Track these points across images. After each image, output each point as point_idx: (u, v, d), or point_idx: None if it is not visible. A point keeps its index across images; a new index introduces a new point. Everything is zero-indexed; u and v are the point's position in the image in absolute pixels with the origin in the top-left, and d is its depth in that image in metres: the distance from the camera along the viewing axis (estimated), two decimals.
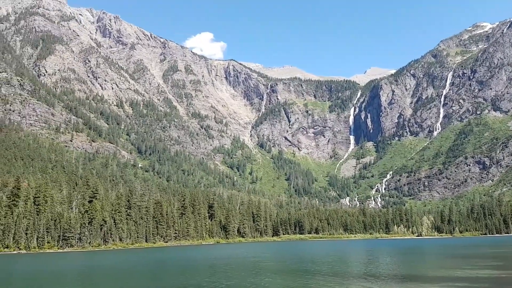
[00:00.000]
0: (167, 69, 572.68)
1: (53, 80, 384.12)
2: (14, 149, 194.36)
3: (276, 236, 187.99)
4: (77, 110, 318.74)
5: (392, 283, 39.71)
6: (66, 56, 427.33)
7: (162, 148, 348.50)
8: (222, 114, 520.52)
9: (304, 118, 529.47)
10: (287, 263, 66.33)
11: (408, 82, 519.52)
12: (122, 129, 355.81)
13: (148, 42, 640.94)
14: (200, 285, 40.13)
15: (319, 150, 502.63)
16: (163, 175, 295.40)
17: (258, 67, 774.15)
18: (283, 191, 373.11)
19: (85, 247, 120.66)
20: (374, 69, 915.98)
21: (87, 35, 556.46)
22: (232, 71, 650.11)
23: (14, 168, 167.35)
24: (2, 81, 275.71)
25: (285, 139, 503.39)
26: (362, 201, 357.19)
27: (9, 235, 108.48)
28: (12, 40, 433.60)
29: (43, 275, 53.94)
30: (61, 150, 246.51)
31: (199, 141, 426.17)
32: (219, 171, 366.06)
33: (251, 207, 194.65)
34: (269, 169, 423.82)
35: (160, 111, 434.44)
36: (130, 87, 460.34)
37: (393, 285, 38.44)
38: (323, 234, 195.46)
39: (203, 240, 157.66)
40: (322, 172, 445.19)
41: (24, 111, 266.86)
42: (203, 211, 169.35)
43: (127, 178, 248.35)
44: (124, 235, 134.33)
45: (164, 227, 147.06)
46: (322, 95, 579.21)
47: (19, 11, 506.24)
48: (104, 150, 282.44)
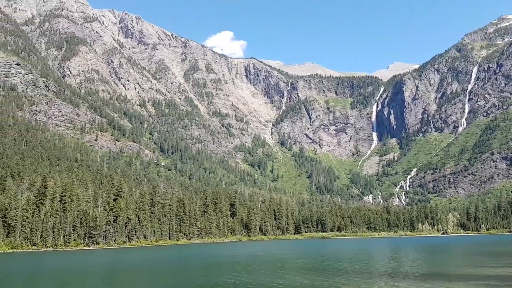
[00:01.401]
0: (188, 69, 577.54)
1: (78, 81, 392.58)
2: (40, 149, 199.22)
3: (298, 234, 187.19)
4: (101, 110, 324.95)
5: (417, 281, 38.93)
6: (89, 57, 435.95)
7: (184, 146, 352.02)
8: (243, 112, 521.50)
9: (325, 115, 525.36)
10: (310, 260, 65.91)
11: (432, 77, 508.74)
12: (145, 129, 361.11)
13: (169, 42, 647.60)
14: (223, 282, 40.26)
15: (341, 147, 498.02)
16: (185, 173, 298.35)
17: (279, 65, 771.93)
18: (304, 189, 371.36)
19: (110, 245, 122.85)
20: (397, 64, 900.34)
21: (110, 36, 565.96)
22: (252, 69, 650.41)
23: (41, 167, 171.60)
24: (28, 83, 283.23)
25: (306, 137, 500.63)
26: (386, 199, 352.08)
27: (37, 233, 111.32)
28: (38, 42, 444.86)
29: (73, 272, 55.16)
30: (86, 149, 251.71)
31: (220, 140, 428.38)
32: (240, 169, 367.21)
33: (272, 205, 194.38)
34: (290, 167, 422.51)
35: (181, 110, 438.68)
36: (152, 86, 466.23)
37: (419, 283, 37.67)
38: (346, 232, 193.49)
39: (225, 237, 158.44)
40: (344, 169, 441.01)
41: (50, 112, 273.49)
42: (225, 209, 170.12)
43: (150, 176, 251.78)
44: (148, 233, 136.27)
45: (187, 225, 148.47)
46: (343, 92, 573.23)
47: (44, 13, 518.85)
48: (127, 149, 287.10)
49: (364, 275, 43.87)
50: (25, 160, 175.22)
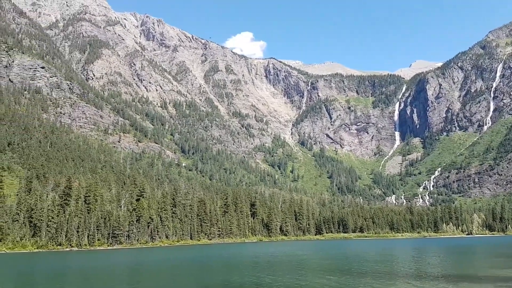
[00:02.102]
0: (208, 70, 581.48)
1: (101, 83, 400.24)
2: (65, 150, 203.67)
3: (319, 234, 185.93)
4: (124, 112, 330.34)
5: (441, 283, 38.12)
6: (112, 60, 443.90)
7: (205, 147, 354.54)
8: (263, 113, 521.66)
9: (346, 114, 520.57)
10: (332, 261, 65.33)
11: (455, 75, 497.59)
12: (166, 130, 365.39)
13: (190, 43, 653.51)
14: (245, 282, 40.29)
15: (362, 147, 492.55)
16: (206, 173, 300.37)
17: (298, 64, 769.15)
18: (325, 189, 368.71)
19: (133, 244, 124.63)
20: (420, 62, 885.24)
21: (131, 39, 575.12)
22: (272, 69, 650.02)
23: (66, 168, 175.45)
24: (52, 85, 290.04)
25: (327, 137, 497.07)
26: (409, 199, 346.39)
27: (62, 233, 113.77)
28: (61, 45, 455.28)
29: (98, 272, 56.18)
30: (110, 150, 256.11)
31: (240, 140, 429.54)
32: (260, 169, 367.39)
33: (293, 205, 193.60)
34: (310, 167, 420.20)
35: (202, 111, 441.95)
36: (173, 88, 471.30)
37: (443, 285, 36.87)
38: (368, 233, 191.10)
39: (246, 238, 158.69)
40: (366, 169, 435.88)
41: (74, 114, 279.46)
42: (245, 209, 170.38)
43: (171, 177, 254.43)
44: (170, 233, 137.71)
45: (208, 225, 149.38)
46: (365, 91, 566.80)
47: (67, 17, 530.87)
48: (149, 150, 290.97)
49: (387, 277, 43.21)
50: (50, 162, 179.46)
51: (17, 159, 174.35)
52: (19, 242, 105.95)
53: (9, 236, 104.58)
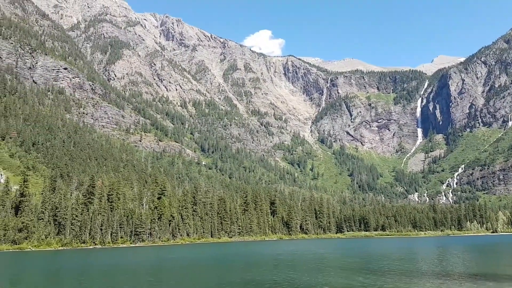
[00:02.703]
0: (227, 68, 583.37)
1: (122, 84, 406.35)
2: (88, 150, 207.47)
3: (340, 233, 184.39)
4: (144, 112, 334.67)
5: (466, 281, 37.16)
6: (133, 60, 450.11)
7: (224, 146, 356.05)
8: (282, 111, 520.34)
9: (367, 111, 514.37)
10: (353, 260, 64.58)
11: (479, 70, 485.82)
12: (186, 129, 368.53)
13: (209, 42, 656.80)
14: (265, 280, 40.15)
15: (383, 144, 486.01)
16: (226, 172, 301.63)
17: (317, 61, 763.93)
18: (346, 187, 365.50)
19: (155, 242, 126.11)
20: (442, 57, 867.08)
21: (151, 39, 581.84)
22: (290, 67, 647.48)
23: (89, 167, 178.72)
24: (75, 86, 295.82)
25: (347, 134, 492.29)
26: (432, 197, 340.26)
27: (86, 231, 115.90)
28: (83, 46, 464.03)
29: (123, 269, 56.98)
30: (131, 149, 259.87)
31: (259, 138, 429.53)
32: (279, 167, 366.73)
33: (313, 203, 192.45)
34: (330, 165, 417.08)
35: (221, 110, 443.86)
36: (193, 87, 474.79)
37: (467, 284, 35.92)
38: (390, 231, 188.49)
39: (266, 236, 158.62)
40: (387, 167, 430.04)
41: (96, 114, 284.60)
42: (265, 207, 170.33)
43: (192, 175, 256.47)
44: (191, 230, 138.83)
45: (228, 223, 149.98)
46: (386, 87, 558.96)
47: (89, 18, 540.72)
48: (170, 149, 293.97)
49: (410, 275, 42.39)
50: (74, 161, 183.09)
51: (41, 158, 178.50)
52: (44, 240, 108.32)
53: (35, 234, 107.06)
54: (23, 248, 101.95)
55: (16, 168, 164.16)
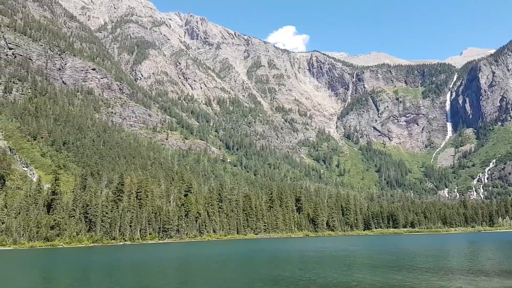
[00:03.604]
0: (251, 66, 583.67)
1: (148, 83, 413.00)
2: (117, 148, 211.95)
3: (368, 230, 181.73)
4: (170, 110, 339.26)
5: (497, 278, 35.84)
6: (159, 60, 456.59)
7: (248, 143, 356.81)
8: (306, 107, 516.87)
9: (394, 106, 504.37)
10: (381, 257, 63.44)
11: (510, 61, 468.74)
12: (211, 126, 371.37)
13: (233, 40, 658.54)
14: (293, 276, 39.91)
15: (412, 139, 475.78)
16: (250, 169, 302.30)
17: (343, 56, 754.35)
18: (373, 183, 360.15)
19: (182, 238, 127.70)
20: (471, 49, 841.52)
21: (176, 39, 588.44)
22: (315, 62, 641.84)
23: (118, 166, 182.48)
24: (104, 87, 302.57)
25: (374, 129, 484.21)
26: (462, 193, 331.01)
27: (116, 228, 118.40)
28: (110, 47, 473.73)
29: (152, 264, 57.93)
30: (158, 148, 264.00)
31: (284, 135, 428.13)
32: (304, 164, 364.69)
33: (339, 200, 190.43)
34: (357, 161, 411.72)
35: (245, 107, 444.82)
36: (217, 85, 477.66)
37: (499, 280, 34.63)
38: (420, 228, 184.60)
39: (292, 233, 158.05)
40: (416, 162, 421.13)
41: (124, 113, 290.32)
42: (291, 204, 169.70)
43: (217, 172, 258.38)
44: (217, 227, 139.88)
45: (254, 220, 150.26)
46: (413, 81, 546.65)
47: (115, 19, 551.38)
48: (195, 147, 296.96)
49: (439, 272, 41.26)
50: (103, 159, 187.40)
51: (72, 157, 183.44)
52: (76, 237, 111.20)
53: (66, 231, 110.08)
54: (55, 245, 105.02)
55: (47, 167, 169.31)
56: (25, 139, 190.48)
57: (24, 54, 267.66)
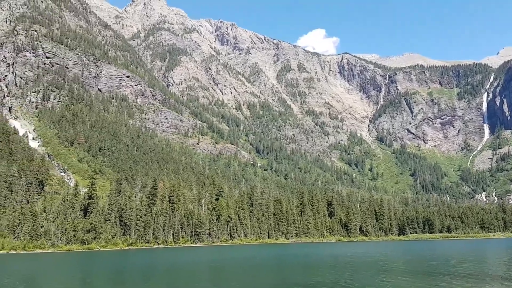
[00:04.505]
0: (281, 69, 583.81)
1: (180, 89, 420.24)
2: (150, 153, 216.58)
3: (403, 235, 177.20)
4: (201, 115, 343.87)
5: None
6: (190, 66, 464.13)
7: (279, 147, 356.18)
8: (337, 110, 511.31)
9: (429, 108, 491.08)
10: (417, 263, 61.66)
11: None
12: (241, 131, 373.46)
13: (262, 45, 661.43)
14: (324, 282, 39.37)
15: (448, 142, 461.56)
16: (281, 173, 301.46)
17: (374, 58, 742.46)
18: (408, 187, 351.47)
19: (214, 242, 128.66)
20: (508, 49, 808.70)
21: (207, 45, 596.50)
22: (346, 65, 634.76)
23: (151, 170, 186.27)
24: (137, 93, 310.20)
25: (408, 132, 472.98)
26: (501, 197, 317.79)
27: (149, 231, 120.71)
28: (144, 55, 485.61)
29: (185, 267, 58.67)
30: (190, 152, 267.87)
31: (314, 138, 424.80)
32: (336, 168, 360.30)
33: (373, 204, 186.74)
34: (390, 165, 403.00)
35: (275, 111, 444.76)
36: (247, 90, 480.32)
37: None
38: (456, 233, 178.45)
39: (323, 237, 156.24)
40: (452, 165, 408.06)
41: (157, 119, 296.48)
42: (322, 208, 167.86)
43: (247, 176, 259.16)
44: (248, 231, 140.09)
45: (285, 224, 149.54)
46: (448, 82, 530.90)
47: (148, 27, 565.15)
48: (226, 151, 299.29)
49: (477, 278, 39.62)
50: (137, 164, 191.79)
51: (107, 162, 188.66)
52: (111, 240, 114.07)
53: (102, 235, 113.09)
54: (91, 248, 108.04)
55: (84, 172, 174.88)
56: (62, 145, 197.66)
57: (61, 62, 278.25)
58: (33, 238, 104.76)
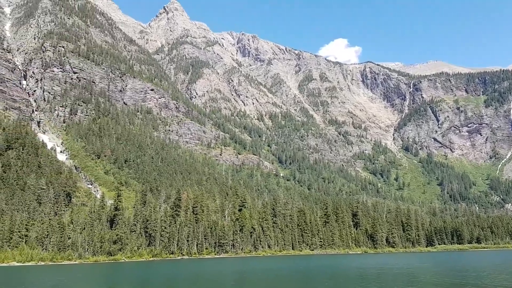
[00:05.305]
0: (302, 79, 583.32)
1: (203, 101, 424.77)
2: (174, 165, 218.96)
3: (431, 246, 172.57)
4: (224, 127, 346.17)
5: None
6: (212, 78, 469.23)
7: (301, 157, 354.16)
8: (361, 119, 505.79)
9: (455, 116, 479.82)
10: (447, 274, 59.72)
11: None
12: (263, 141, 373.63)
13: (283, 55, 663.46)
14: None
15: (475, 150, 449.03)
16: (304, 183, 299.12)
17: (398, 66, 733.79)
18: (435, 197, 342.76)
19: (238, 253, 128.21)
20: None
21: (229, 57, 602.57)
22: (369, 74, 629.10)
23: (175, 181, 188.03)
24: (161, 106, 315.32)
25: (434, 140, 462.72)
26: None
27: (174, 242, 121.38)
28: (167, 68, 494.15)
29: (210, 278, 58.60)
30: (213, 163, 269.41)
31: (338, 148, 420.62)
32: (360, 178, 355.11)
33: (399, 215, 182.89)
34: (417, 174, 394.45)
35: (297, 121, 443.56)
36: (269, 100, 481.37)
37: None
38: (486, 243, 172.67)
39: (349, 249, 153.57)
40: (481, 174, 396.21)
41: (180, 131, 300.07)
42: (347, 219, 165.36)
43: (270, 187, 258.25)
44: (272, 242, 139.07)
45: (309, 235, 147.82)
46: (475, 89, 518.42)
47: (171, 42, 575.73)
48: (248, 162, 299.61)
49: None
50: (161, 175, 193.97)
51: (133, 174, 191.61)
52: (136, 251, 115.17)
53: (128, 246, 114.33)
54: (117, 259, 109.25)
55: (110, 184, 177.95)
56: (89, 158, 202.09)
57: (87, 77, 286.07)
58: (60, 250, 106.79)
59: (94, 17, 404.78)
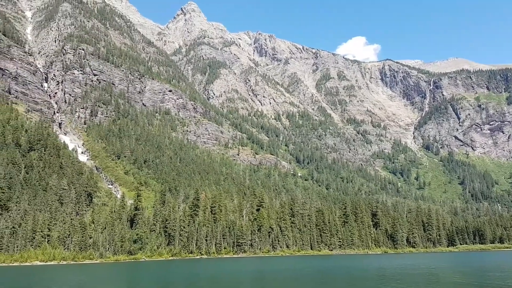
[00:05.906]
0: (320, 78, 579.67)
1: (220, 101, 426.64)
2: (192, 165, 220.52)
3: (452, 246, 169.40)
4: (241, 127, 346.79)
5: None
6: (229, 79, 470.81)
7: (319, 156, 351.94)
8: (380, 117, 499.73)
9: (476, 113, 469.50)
10: (470, 274, 58.43)
11: None
12: (281, 141, 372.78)
13: (301, 54, 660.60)
14: None
15: (497, 148, 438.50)
16: (322, 183, 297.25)
17: (418, 64, 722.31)
18: (456, 196, 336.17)
19: (256, 253, 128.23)
20: None
21: (246, 57, 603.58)
22: (388, 71, 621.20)
23: (194, 181, 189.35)
24: (179, 106, 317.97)
25: (455, 139, 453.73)
26: None
27: (192, 242, 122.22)
28: (185, 69, 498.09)
29: (229, 278, 58.79)
30: (230, 163, 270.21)
31: (356, 147, 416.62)
32: (380, 177, 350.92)
33: (420, 215, 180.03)
34: (438, 173, 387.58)
35: (315, 120, 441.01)
36: (286, 100, 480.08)
37: None
38: (509, 243, 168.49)
39: (369, 249, 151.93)
40: (503, 173, 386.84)
41: (198, 131, 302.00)
42: (367, 219, 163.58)
43: (288, 187, 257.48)
44: (290, 242, 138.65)
45: (328, 235, 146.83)
46: (496, 86, 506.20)
47: (189, 43, 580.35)
48: (266, 162, 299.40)
49: None
50: (180, 176, 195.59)
51: (152, 174, 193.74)
52: (156, 250, 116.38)
53: (148, 245, 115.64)
54: (137, 258, 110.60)
55: (130, 184, 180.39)
56: (110, 158, 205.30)
57: (107, 79, 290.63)
58: (82, 249, 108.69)
59: (113, 19, 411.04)
